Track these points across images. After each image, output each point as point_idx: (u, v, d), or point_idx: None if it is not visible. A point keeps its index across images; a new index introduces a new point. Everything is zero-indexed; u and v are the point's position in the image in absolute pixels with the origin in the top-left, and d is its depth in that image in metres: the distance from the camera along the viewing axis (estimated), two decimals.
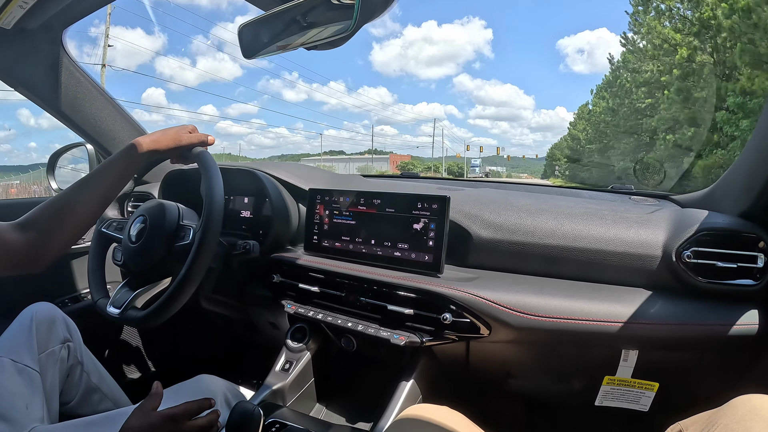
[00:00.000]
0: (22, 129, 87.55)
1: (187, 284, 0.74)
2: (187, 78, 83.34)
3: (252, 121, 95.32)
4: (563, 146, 50.72)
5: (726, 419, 0.50)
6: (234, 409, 0.65)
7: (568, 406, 0.93)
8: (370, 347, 0.92)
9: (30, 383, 0.78)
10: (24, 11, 0.98)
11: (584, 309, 0.72)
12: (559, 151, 57.97)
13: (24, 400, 0.75)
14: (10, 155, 60.41)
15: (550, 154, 62.37)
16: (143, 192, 1.19)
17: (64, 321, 0.90)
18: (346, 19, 0.65)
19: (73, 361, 0.91)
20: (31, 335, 0.82)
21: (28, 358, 0.80)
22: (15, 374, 0.77)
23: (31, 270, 0.67)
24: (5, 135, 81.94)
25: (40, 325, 0.85)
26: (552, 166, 57.62)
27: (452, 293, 0.75)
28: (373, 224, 0.88)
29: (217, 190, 0.75)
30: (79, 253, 1.21)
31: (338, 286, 0.88)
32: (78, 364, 0.92)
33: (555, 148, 60.87)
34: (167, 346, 1.41)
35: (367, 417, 0.91)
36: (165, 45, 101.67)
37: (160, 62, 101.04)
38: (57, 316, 0.89)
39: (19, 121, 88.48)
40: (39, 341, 0.83)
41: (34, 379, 0.79)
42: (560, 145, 57.63)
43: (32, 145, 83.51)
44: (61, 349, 0.87)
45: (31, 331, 0.83)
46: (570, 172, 37.20)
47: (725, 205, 0.78)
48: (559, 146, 58.23)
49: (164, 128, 0.82)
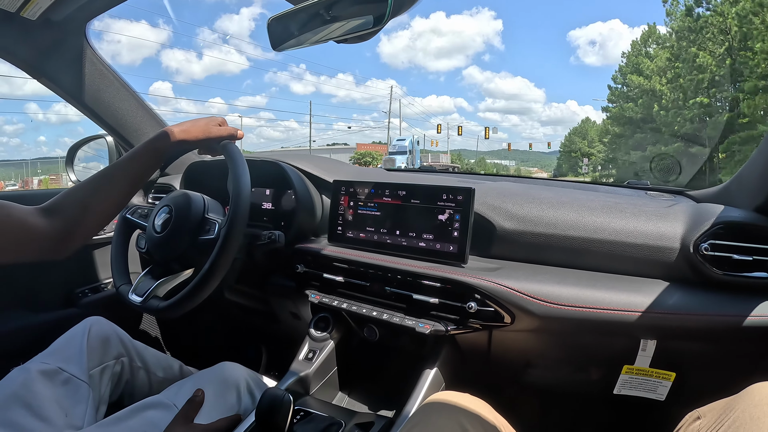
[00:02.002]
0: (30, 124, 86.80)
1: (211, 277, 0.75)
2: (193, 71, 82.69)
3: (261, 114, 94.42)
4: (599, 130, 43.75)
5: (743, 405, 0.52)
6: (264, 395, 0.66)
7: (586, 395, 0.95)
8: (392, 336, 0.94)
9: (75, 393, 0.78)
10: (50, 2, 0.99)
11: (605, 298, 0.74)
12: (580, 138, 52.35)
13: (64, 408, 0.75)
14: (20, 149, 59.35)
15: (567, 145, 55.30)
16: (166, 183, 1.21)
17: (118, 337, 0.91)
18: (373, 13, 0.67)
19: (128, 376, 0.92)
20: (83, 348, 0.83)
21: (77, 368, 0.80)
22: (59, 384, 0.77)
23: (55, 256, 0.67)
24: (14, 129, 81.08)
25: (94, 340, 0.85)
26: (571, 159, 52.10)
27: (478, 282, 0.77)
28: (399, 215, 0.90)
29: (245, 184, 0.76)
30: (100, 244, 1.22)
31: (363, 276, 0.90)
32: (139, 369, 0.93)
33: (575, 133, 55.15)
34: (187, 336, 1.42)
35: (389, 405, 0.93)
36: (170, 37, 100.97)
37: (166, 55, 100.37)
38: (111, 332, 0.90)
39: (27, 116, 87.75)
40: (91, 355, 0.84)
41: (79, 389, 0.79)
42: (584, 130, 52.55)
43: (42, 138, 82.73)
44: (114, 365, 0.88)
45: (83, 343, 0.83)
46: (619, 171, 30.49)
47: (741, 200, 0.81)
48: (580, 131, 53.56)
49: (193, 119, 0.83)
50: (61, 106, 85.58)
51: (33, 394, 0.73)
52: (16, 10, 0.97)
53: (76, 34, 1.07)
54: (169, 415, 0.76)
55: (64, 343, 0.83)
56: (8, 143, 66.49)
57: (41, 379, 0.75)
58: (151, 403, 0.81)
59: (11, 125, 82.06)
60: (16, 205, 0.62)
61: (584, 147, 51.88)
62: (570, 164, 53.11)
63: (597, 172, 39.88)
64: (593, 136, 50.58)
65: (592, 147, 48.76)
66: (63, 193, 0.68)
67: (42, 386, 0.75)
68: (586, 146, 51.59)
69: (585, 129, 55.13)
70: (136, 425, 0.75)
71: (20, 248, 0.62)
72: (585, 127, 55.58)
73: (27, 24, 1.00)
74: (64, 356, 0.81)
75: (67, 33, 1.06)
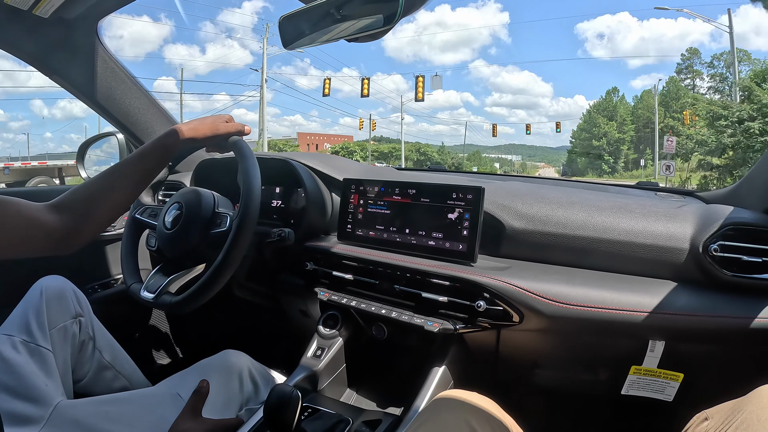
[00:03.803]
0: (36, 120, 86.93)
1: (224, 271, 0.75)
2: (196, 65, 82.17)
3: (266, 109, 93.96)
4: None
5: (751, 406, 0.52)
6: (272, 391, 0.66)
7: (594, 396, 0.96)
8: (400, 335, 0.95)
9: (44, 363, 0.78)
10: (63, 0, 1.00)
11: (613, 298, 0.74)
12: (606, 119, 35.70)
13: (42, 379, 0.75)
14: (27, 146, 59.89)
15: (586, 128, 38.13)
16: (175, 181, 1.22)
17: (74, 294, 0.89)
18: (384, 12, 0.67)
19: (85, 336, 0.89)
20: (41, 311, 0.81)
21: (40, 336, 0.79)
22: (28, 355, 0.77)
23: (64, 251, 0.67)
24: (21, 125, 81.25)
25: (50, 300, 0.83)
26: (593, 151, 35.97)
27: (487, 281, 0.78)
28: (408, 214, 0.90)
29: (255, 178, 0.77)
30: (109, 240, 1.23)
31: (372, 274, 0.91)
32: (90, 339, 0.91)
33: (597, 110, 38.10)
34: (196, 332, 1.43)
35: (397, 402, 0.93)
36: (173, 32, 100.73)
37: (169, 50, 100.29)
38: (67, 288, 0.88)
39: (32, 112, 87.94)
40: (50, 316, 0.82)
41: (47, 359, 0.78)
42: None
43: (48, 135, 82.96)
44: (72, 324, 0.86)
45: (41, 307, 0.82)
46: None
47: (750, 202, 0.81)
48: (605, 108, 37.34)
49: (201, 117, 0.84)
50: (66, 102, 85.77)
51: (11, 375, 0.72)
52: (28, 8, 0.98)
53: (87, 31, 1.08)
54: (172, 404, 0.77)
55: (23, 310, 0.82)
56: (14, 139, 66.66)
57: (13, 356, 0.75)
58: (153, 391, 0.81)
59: (17, 122, 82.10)
60: (26, 202, 0.63)
61: (612, 131, 36.09)
62: (591, 157, 37.15)
63: (695, 173, 18.90)
64: (625, 117, 36.65)
65: (624, 132, 35.96)
66: (72, 189, 0.69)
67: (16, 363, 0.74)
68: (615, 130, 36.20)
69: (612, 106, 37.89)
70: (137, 410, 0.76)
71: (30, 244, 0.63)
72: (611, 103, 37.99)
73: (39, 22, 1.01)
74: (24, 325, 0.79)
75: (79, 31, 1.07)
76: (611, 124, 36.64)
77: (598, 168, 36.37)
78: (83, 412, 0.73)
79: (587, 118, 39.59)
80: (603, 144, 36.42)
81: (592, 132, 37.55)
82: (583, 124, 39.79)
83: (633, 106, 38.03)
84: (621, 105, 38.12)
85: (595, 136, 37.09)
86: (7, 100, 67.70)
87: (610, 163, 35.81)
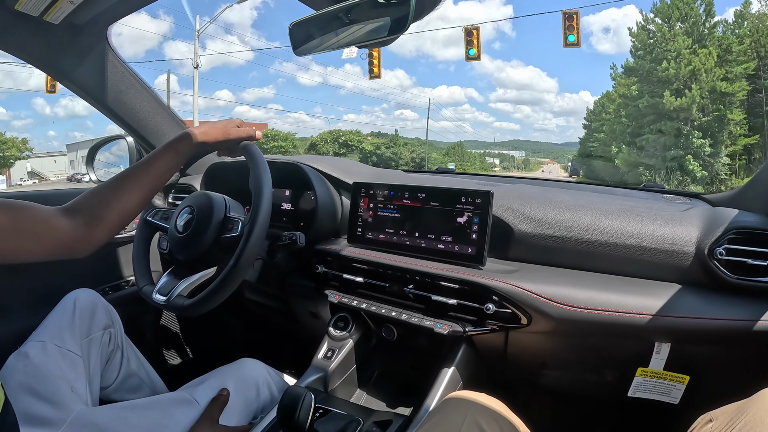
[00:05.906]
0: (39, 118, 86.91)
1: (236, 275, 0.76)
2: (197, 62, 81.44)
3: (269, 106, 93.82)
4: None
5: (755, 408, 0.53)
6: (286, 392, 0.68)
7: (600, 397, 0.97)
8: (410, 336, 0.96)
9: (73, 367, 0.80)
10: (73, 7, 1.01)
11: (620, 301, 0.75)
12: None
13: (68, 383, 0.77)
14: (30, 144, 60.07)
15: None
16: (186, 184, 1.23)
17: (105, 307, 0.93)
18: (394, 17, 0.68)
19: (114, 346, 0.93)
20: (74, 321, 0.84)
21: (72, 342, 0.82)
22: (59, 359, 0.79)
23: (77, 254, 0.68)
24: (23, 124, 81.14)
25: (83, 311, 0.87)
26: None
27: (496, 284, 0.79)
28: (418, 217, 0.92)
29: (266, 183, 0.77)
30: (121, 243, 1.24)
31: (382, 277, 0.92)
32: (118, 349, 0.94)
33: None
34: (206, 333, 1.45)
35: (407, 403, 0.95)
36: (172, 29, 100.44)
37: (169, 47, 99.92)
38: (98, 302, 0.91)
39: (35, 111, 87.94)
40: (81, 327, 0.85)
41: (77, 364, 0.81)
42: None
43: (51, 133, 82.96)
44: (103, 335, 0.90)
45: (74, 316, 0.85)
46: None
47: (756, 205, 0.82)
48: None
49: (212, 121, 0.84)
50: (68, 101, 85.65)
51: (36, 378, 0.75)
52: (38, 15, 0.99)
53: (97, 37, 1.09)
54: (189, 410, 0.78)
55: (55, 319, 0.85)
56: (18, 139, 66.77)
57: (42, 359, 0.77)
58: (172, 398, 0.83)
59: (19, 120, 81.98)
60: (39, 206, 0.64)
61: (700, 65, 15.22)
62: (652, 135, 18.88)
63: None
64: (732, 43, 16.35)
65: (730, 79, 16.20)
66: (85, 193, 0.70)
67: (44, 366, 0.77)
68: (711, 61, 15.54)
69: (695, 14, 17.11)
70: (155, 416, 0.77)
71: (44, 247, 0.64)
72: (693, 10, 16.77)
73: (50, 28, 1.02)
74: (56, 332, 0.82)
75: (89, 36, 1.07)
76: (702, 52, 16.72)
77: (668, 163, 17.39)
78: (103, 417, 0.75)
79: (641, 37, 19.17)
80: (678, 85, 16.58)
81: (654, 56, 17.44)
82: (595, 108, 23.41)
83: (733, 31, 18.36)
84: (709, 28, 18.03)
85: (657, 61, 17.18)
86: (8, 96, 67.55)
87: (705, 149, 16.68)
